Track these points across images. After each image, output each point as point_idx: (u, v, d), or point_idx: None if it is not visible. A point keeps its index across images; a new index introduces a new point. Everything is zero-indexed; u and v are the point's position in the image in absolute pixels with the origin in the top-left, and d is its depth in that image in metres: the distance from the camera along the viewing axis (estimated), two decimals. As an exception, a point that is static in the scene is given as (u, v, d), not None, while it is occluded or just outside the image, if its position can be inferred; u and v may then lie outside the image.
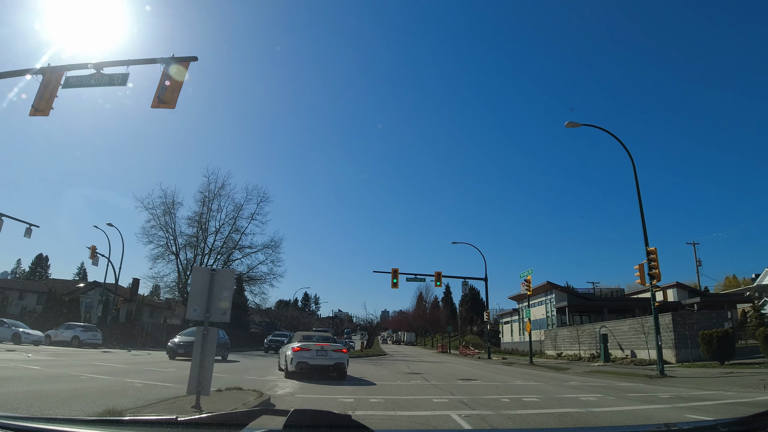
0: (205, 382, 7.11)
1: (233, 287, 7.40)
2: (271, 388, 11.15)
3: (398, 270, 37.60)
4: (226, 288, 7.38)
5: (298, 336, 15.73)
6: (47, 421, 1.77)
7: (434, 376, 16.65)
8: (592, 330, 36.54)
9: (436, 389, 11.78)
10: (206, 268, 7.43)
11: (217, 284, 7.35)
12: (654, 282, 18.06)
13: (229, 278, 7.49)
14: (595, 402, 9.89)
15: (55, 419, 2.12)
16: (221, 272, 7.46)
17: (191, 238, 51.01)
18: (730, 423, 1.66)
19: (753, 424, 1.62)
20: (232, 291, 7.45)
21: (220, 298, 7.32)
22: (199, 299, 7.27)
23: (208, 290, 7.27)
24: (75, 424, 1.82)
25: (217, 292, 7.32)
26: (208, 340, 7.20)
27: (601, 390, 12.61)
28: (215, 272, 7.40)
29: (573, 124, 19.82)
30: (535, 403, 9.39)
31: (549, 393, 11.31)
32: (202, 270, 7.43)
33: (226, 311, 7.31)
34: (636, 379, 17.31)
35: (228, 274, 7.55)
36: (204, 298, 7.25)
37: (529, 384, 14.41)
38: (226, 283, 7.41)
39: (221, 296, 7.33)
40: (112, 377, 11.96)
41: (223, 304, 7.32)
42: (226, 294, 7.37)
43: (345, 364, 14.26)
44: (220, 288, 7.35)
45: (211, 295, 7.27)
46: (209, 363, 7.18)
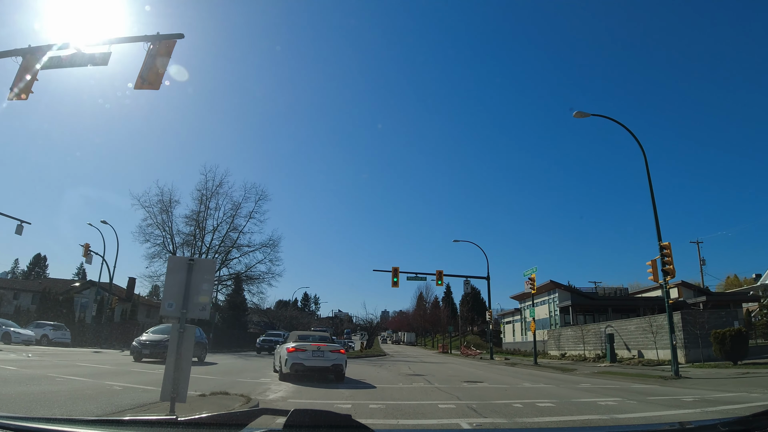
0: (182, 388, 6.24)
1: (213, 279, 6.52)
2: (263, 392, 10.28)
3: (398, 269, 36.70)
4: (205, 280, 6.52)
5: (293, 336, 14.89)
6: (47, 421, 1.79)
7: (437, 378, 15.77)
8: (597, 330, 35.67)
9: (441, 393, 10.90)
10: (183, 258, 6.56)
11: (196, 276, 6.49)
12: (668, 278, 17.20)
13: (209, 269, 6.62)
14: (616, 407, 9.03)
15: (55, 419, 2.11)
16: (200, 262, 6.60)
17: (188, 237, 50.22)
18: (730, 423, 1.65)
19: (753, 424, 1.60)
20: (212, 284, 6.58)
21: (199, 292, 6.46)
22: (175, 293, 6.41)
23: (185, 283, 6.41)
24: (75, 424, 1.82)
25: (195, 284, 6.46)
26: (185, 339, 6.33)
27: (617, 393, 11.75)
28: (194, 262, 6.53)
29: (581, 114, 18.94)
30: (551, 409, 8.52)
31: (563, 397, 10.43)
32: (179, 260, 6.56)
33: (205, 306, 6.45)
34: (650, 381, 16.46)
35: (208, 264, 6.68)
36: (181, 292, 6.39)
37: (539, 387, 13.54)
38: (206, 275, 6.54)
39: (200, 289, 6.47)
40: (91, 379, 11.10)
41: (202, 298, 6.46)
42: (206, 287, 6.50)
43: (343, 365, 13.42)
44: (199, 280, 6.49)
45: (188, 288, 6.41)
46: (186, 365, 6.31)
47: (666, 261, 17.10)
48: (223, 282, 52.94)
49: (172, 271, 6.50)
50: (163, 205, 48.34)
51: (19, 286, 60.92)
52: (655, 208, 18.19)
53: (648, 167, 18.57)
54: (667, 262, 17.08)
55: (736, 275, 64.25)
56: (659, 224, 17.90)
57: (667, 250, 17.23)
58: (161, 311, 6.53)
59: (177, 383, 6.23)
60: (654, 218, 18.04)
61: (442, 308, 79.91)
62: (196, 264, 6.53)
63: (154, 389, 9.55)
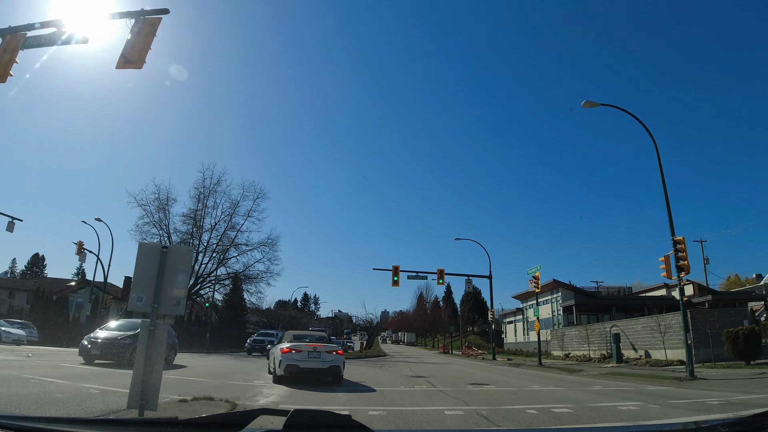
0: (152, 393, 5.43)
1: (190, 270, 5.69)
2: (253, 396, 9.46)
3: (399, 267, 35.88)
4: (180, 271, 5.70)
5: (288, 336, 14.01)
6: (47, 421, 1.76)
7: (441, 380, 14.94)
8: (602, 329, 34.87)
9: (446, 397, 10.07)
10: (155, 244, 5.75)
11: (170, 265, 5.68)
12: (682, 275, 16.37)
13: (185, 258, 5.81)
14: (640, 413, 8.22)
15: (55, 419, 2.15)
16: (175, 249, 5.79)
17: (185, 236, 49.47)
18: (730, 423, 1.64)
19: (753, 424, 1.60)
20: (188, 275, 5.77)
21: (173, 284, 5.65)
22: (145, 285, 5.60)
23: (157, 273, 5.60)
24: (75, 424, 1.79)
25: (169, 275, 5.65)
26: (156, 338, 5.52)
27: (634, 396, 10.92)
28: (168, 249, 5.72)
29: (590, 103, 18.13)
30: (570, 416, 7.70)
31: (578, 401, 9.61)
32: (150, 246, 5.74)
33: (180, 301, 5.64)
34: (665, 382, 15.65)
35: (183, 252, 5.86)
36: (152, 284, 5.58)
37: (550, 390, 12.73)
38: (182, 265, 5.73)
39: (174, 281, 5.66)
40: (68, 381, 10.28)
41: (176, 291, 5.65)
42: (181, 279, 5.69)
43: (341, 367, 12.60)
44: (174, 270, 5.68)
45: (161, 279, 5.60)
46: (157, 368, 5.50)
47: (680, 257, 16.30)
48: (221, 281, 52.19)
49: (142, 259, 5.68)
50: (160, 203, 47.62)
51: (14, 285, 60.14)
52: (668, 201, 17.40)
53: (659, 157, 17.82)
54: (681, 258, 16.29)
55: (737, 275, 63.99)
56: (672, 218, 17.11)
57: (681, 245, 16.43)
58: (129, 305, 5.72)
59: (147, 388, 5.41)
60: (667, 212, 17.27)
61: (443, 308, 79.06)
62: (169, 252, 5.72)
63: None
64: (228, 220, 50.22)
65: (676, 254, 16.42)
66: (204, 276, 50.23)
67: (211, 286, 50.20)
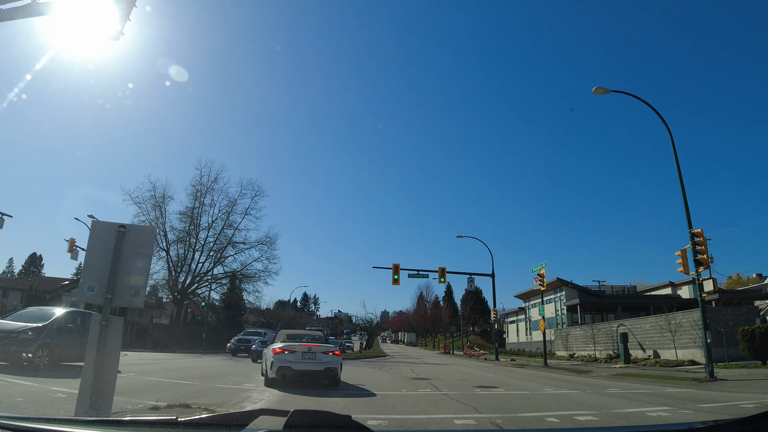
0: (103, 401, 4.47)
1: (151, 254, 4.73)
2: (239, 403, 8.49)
3: (399, 266, 34.92)
4: (140, 255, 4.75)
5: (281, 335, 13.04)
6: (47, 421, 1.76)
7: (445, 382, 13.97)
8: (608, 329, 33.92)
9: (453, 403, 9.09)
10: (111, 223, 4.79)
11: (128, 249, 4.73)
12: (701, 269, 15.41)
13: (146, 240, 4.84)
14: (672, 419, 7.28)
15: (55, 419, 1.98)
16: (134, 230, 4.83)
17: (182, 234, 48.60)
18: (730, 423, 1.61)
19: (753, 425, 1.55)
20: (149, 260, 4.80)
21: (131, 270, 4.70)
22: (97, 271, 4.65)
23: (112, 257, 4.65)
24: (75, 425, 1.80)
25: (126, 260, 4.70)
26: (109, 335, 4.57)
27: (658, 400, 9.98)
28: (125, 229, 4.76)
29: (601, 90, 17.18)
30: (597, 425, 6.75)
31: (600, 407, 8.65)
32: (106, 226, 4.78)
33: (138, 291, 4.69)
34: (682, 384, 14.71)
35: (145, 233, 4.89)
36: (105, 270, 4.63)
37: (564, 393, 11.76)
38: (142, 248, 4.78)
39: (132, 267, 4.71)
40: (36, 384, 9.32)
41: (135, 279, 4.69)
42: (141, 264, 4.74)
43: (338, 369, 11.64)
44: (133, 254, 4.73)
45: (117, 264, 4.65)
46: (110, 372, 4.54)
47: (699, 250, 15.35)
48: (218, 280, 51.29)
49: (95, 241, 4.73)
50: (156, 200, 46.80)
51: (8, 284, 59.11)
52: (684, 192, 16.45)
53: (674, 145, 16.95)
54: (700, 251, 15.33)
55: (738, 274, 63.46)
56: (689, 210, 16.16)
57: (700, 237, 15.48)
58: (78, 296, 4.78)
59: (98, 395, 4.45)
60: (683, 203, 16.28)
61: (444, 308, 78.08)
62: (128, 232, 4.76)
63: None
64: (225, 218, 49.42)
65: (693, 248, 15.47)
66: (201, 275, 49.38)
67: (208, 285, 49.32)
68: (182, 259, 48.95)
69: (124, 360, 19.83)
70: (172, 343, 38.43)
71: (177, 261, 48.40)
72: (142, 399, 8.10)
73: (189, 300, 50.22)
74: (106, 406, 4.50)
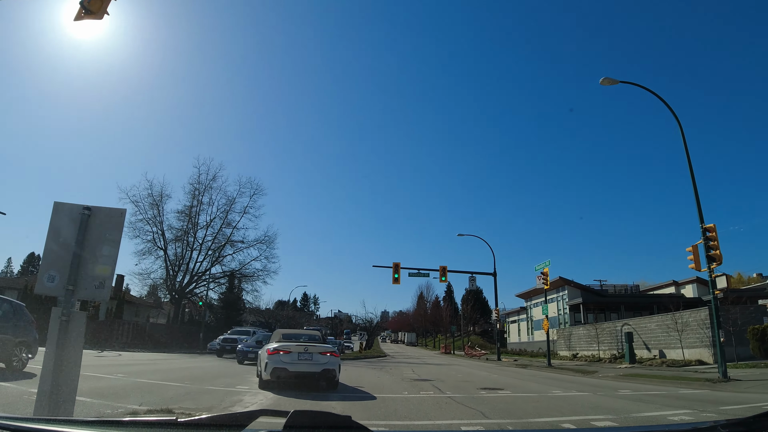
0: (64, 402, 3.90)
1: (119, 240, 4.15)
2: (229, 407, 7.91)
3: (400, 264, 34.32)
4: (107, 241, 4.18)
5: (276, 335, 12.49)
6: (47, 422, 1.78)
7: (448, 384, 13.39)
8: (613, 328, 33.34)
9: (459, 406, 8.50)
10: (74, 205, 4.21)
11: (94, 234, 4.16)
12: (713, 266, 14.83)
13: (115, 224, 4.26)
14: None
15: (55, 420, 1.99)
16: (102, 213, 4.25)
17: (180, 233, 48.02)
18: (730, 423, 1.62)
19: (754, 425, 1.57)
20: (117, 247, 4.22)
21: (97, 259, 4.12)
22: (58, 260, 4.08)
23: (75, 243, 4.08)
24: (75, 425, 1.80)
25: (91, 247, 4.13)
26: (71, 332, 3.99)
27: (675, 402, 9.41)
28: (91, 212, 4.19)
29: (609, 80, 16.60)
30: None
31: (616, 410, 8.08)
32: (69, 208, 4.20)
33: (103, 282, 4.11)
34: (695, 385, 14.15)
35: (112, 216, 4.30)
36: (67, 258, 4.06)
37: (573, 395, 11.18)
38: (109, 233, 4.20)
39: (98, 255, 4.13)
40: (12, 384, 8.77)
41: (100, 269, 4.12)
42: (108, 252, 4.16)
43: (336, 370, 11.04)
44: (98, 240, 4.15)
45: (81, 252, 4.08)
46: (70, 372, 3.97)
47: (711, 245, 14.77)
48: (216, 280, 50.70)
49: (56, 225, 4.15)
50: (153, 199, 46.21)
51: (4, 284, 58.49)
52: (695, 186, 15.86)
53: (684, 137, 16.34)
54: (712, 247, 14.75)
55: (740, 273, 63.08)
56: (700, 204, 15.58)
57: (712, 232, 14.90)
58: (37, 288, 4.19)
59: (57, 398, 3.88)
60: (694, 197, 15.70)
61: (444, 307, 77.47)
62: (93, 215, 4.18)
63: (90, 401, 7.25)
64: (224, 217, 48.85)
65: (705, 243, 14.89)
66: (199, 274, 48.78)
67: (206, 284, 48.77)
68: (180, 258, 48.38)
69: (116, 360, 19.29)
70: (169, 343, 37.85)
71: (175, 260, 47.82)
72: (124, 402, 7.54)
73: (187, 300, 49.64)
74: (66, 409, 3.93)
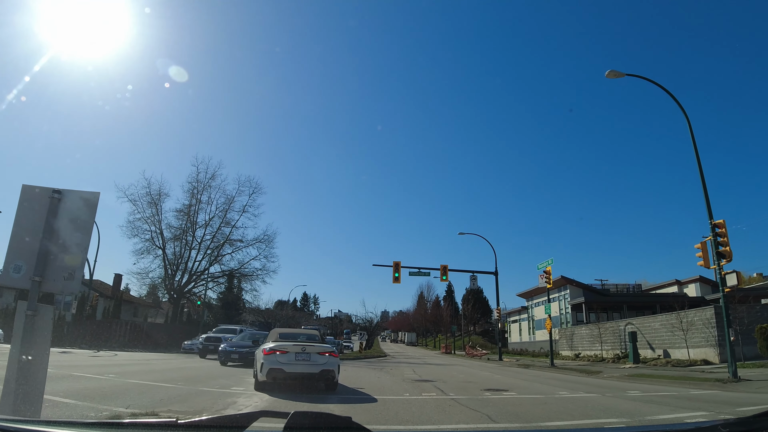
0: (30, 402, 3.51)
1: (92, 227, 3.74)
2: (222, 410, 7.51)
3: (400, 263, 33.89)
4: (79, 228, 3.77)
5: (273, 334, 12.01)
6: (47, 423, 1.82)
7: (450, 385, 12.98)
8: (616, 328, 32.94)
9: (463, 409, 8.08)
10: (44, 188, 3.81)
11: (64, 220, 3.76)
12: (723, 263, 14.44)
13: (87, 208, 3.84)
14: (719, 430, 6.28)
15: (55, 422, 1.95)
16: (73, 196, 3.84)
17: (178, 231, 47.63)
18: (730, 423, 1.62)
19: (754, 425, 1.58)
20: (89, 234, 3.83)
21: (67, 247, 3.72)
22: (24, 249, 3.67)
23: (43, 231, 3.68)
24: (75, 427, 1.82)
25: (61, 234, 3.72)
26: (37, 327, 3.59)
27: (688, 404, 9.01)
28: (62, 195, 3.79)
29: (615, 73, 16.20)
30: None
31: (629, 412, 7.67)
32: (37, 192, 3.80)
33: (74, 272, 3.71)
34: (705, 385, 13.75)
35: (85, 200, 3.89)
36: (34, 247, 3.66)
37: (582, 396, 10.78)
38: (81, 219, 3.80)
39: (69, 243, 3.73)
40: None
41: (70, 259, 3.72)
42: (79, 240, 3.76)
43: (335, 371, 10.52)
44: (69, 226, 3.75)
45: (49, 239, 3.67)
46: (37, 370, 3.58)
47: (721, 242, 14.38)
48: (215, 279, 50.33)
49: (24, 211, 3.75)
50: (151, 198, 45.82)
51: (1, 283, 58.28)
52: (704, 181, 15.47)
53: (692, 130, 15.92)
54: (722, 243, 14.36)
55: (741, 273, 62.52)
56: (709, 200, 15.19)
57: (722, 228, 14.51)
58: (2, 279, 3.79)
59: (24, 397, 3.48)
60: (703, 193, 15.31)
61: (444, 307, 77.08)
62: (64, 198, 3.78)
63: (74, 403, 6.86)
64: (223, 216, 48.46)
65: (715, 239, 14.50)
66: (198, 273, 48.38)
67: (205, 283, 48.37)
68: (179, 257, 47.98)
69: (111, 360, 18.89)
70: (168, 343, 37.45)
71: (173, 259, 47.42)
72: (110, 405, 7.14)
73: (186, 299, 49.26)
74: (33, 409, 3.54)
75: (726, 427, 1.60)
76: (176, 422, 1.69)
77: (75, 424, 1.91)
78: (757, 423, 1.57)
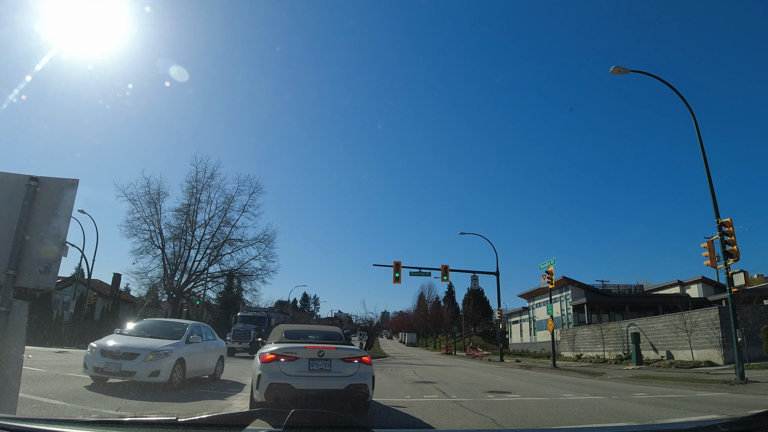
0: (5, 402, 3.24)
1: (69, 217, 3.47)
2: (216, 412, 7.22)
3: (401, 263, 33.61)
4: (57, 216, 3.50)
5: (276, 333, 8.38)
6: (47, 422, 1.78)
7: (452, 387, 12.69)
8: (618, 329, 32.66)
9: (467, 412, 7.79)
10: (20, 176, 3.54)
11: (41, 210, 3.49)
12: (730, 262, 14.15)
13: (66, 197, 3.57)
14: None
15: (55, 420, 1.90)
16: (50, 184, 3.57)
17: (177, 231, 47.37)
18: (730, 423, 1.62)
19: (753, 424, 1.58)
20: (67, 224, 3.55)
21: (44, 238, 3.45)
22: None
23: (18, 220, 3.41)
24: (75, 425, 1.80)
25: (37, 225, 3.46)
26: (11, 325, 3.32)
27: (698, 407, 8.73)
28: (38, 183, 3.52)
29: (620, 69, 15.93)
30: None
31: (638, 416, 7.40)
32: (13, 179, 3.53)
33: (50, 266, 3.44)
34: (713, 387, 13.48)
35: (64, 187, 3.61)
36: (9, 238, 3.39)
37: (587, 399, 10.50)
38: (59, 208, 3.53)
39: (46, 234, 3.46)
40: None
41: (47, 250, 3.45)
42: (57, 228, 3.49)
43: (369, 385, 6.98)
44: (46, 216, 3.48)
45: (24, 230, 3.40)
46: (11, 368, 3.31)
47: (728, 241, 14.10)
48: (214, 279, 50.07)
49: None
50: (150, 197, 45.52)
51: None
52: (710, 179, 15.17)
53: (698, 128, 15.66)
54: (729, 242, 14.08)
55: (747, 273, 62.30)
56: (716, 199, 14.92)
57: (729, 227, 14.24)
58: (-28, 274, 3.49)
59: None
60: (710, 191, 15.04)
61: (445, 308, 76.81)
62: (41, 186, 3.51)
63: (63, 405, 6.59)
64: (222, 216, 48.13)
65: (722, 238, 14.23)
66: (197, 273, 48.11)
67: (204, 283, 48.11)
68: (178, 257, 47.72)
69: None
70: (166, 344, 37.17)
71: (173, 259, 47.16)
72: (100, 407, 6.89)
73: (185, 299, 49.00)
74: (9, 408, 3.27)
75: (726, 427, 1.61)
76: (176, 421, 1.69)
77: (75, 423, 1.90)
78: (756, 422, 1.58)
